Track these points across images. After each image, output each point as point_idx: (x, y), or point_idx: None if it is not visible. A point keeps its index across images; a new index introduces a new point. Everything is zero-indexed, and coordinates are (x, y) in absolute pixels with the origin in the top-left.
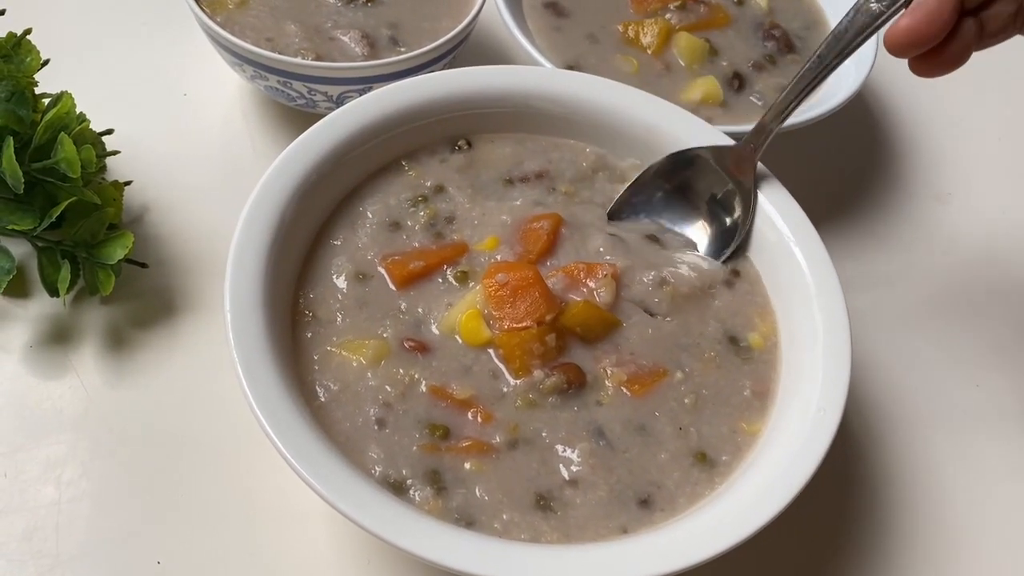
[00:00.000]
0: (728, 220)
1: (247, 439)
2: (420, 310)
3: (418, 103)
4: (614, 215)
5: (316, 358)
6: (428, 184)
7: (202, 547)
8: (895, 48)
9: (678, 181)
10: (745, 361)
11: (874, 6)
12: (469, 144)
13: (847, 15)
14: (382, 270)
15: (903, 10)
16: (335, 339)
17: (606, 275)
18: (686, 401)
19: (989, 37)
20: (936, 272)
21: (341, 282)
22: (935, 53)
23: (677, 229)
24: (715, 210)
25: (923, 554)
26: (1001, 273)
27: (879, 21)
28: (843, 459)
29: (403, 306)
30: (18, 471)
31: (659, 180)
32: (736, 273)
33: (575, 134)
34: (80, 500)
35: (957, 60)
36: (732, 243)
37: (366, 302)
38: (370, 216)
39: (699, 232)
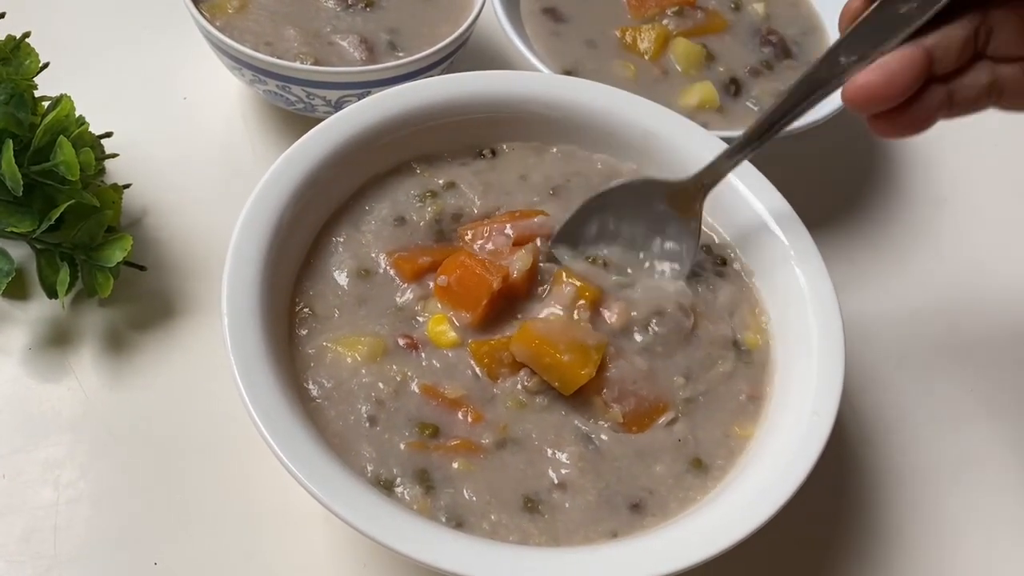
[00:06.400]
0: (670, 250)
1: (244, 441)
2: (416, 307)
3: (417, 107)
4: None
5: (312, 353)
6: (440, 182)
7: (199, 548)
8: (850, 103)
9: (619, 213)
10: (745, 364)
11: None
12: (493, 152)
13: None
14: (387, 266)
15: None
16: (331, 335)
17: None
18: (682, 412)
19: (959, 107)
20: (931, 276)
21: (342, 279)
22: (894, 115)
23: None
24: (658, 242)
25: (917, 558)
26: (997, 277)
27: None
28: (837, 463)
29: (400, 303)
30: (16, 472)
31: (599, 212)
32: (726, 267)
33: (573, 139)
34: (78, 501)
35: (918, 125)
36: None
37: (365, 299)
38: (375, 214)
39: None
